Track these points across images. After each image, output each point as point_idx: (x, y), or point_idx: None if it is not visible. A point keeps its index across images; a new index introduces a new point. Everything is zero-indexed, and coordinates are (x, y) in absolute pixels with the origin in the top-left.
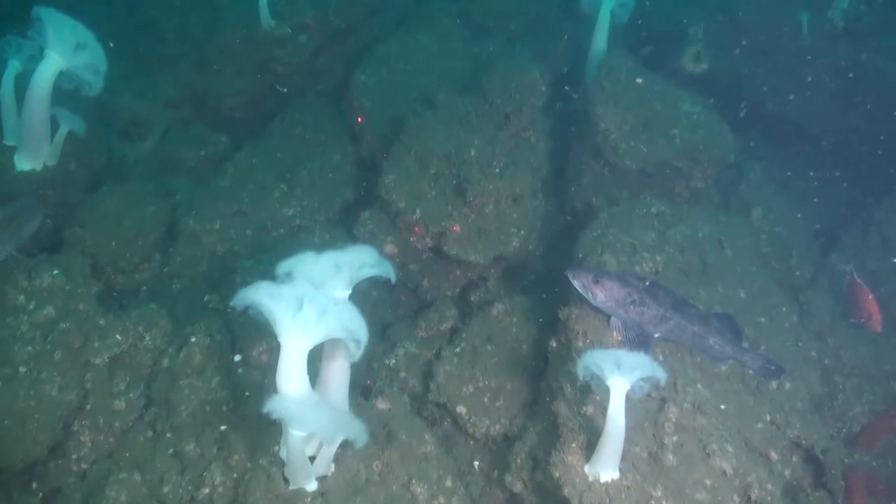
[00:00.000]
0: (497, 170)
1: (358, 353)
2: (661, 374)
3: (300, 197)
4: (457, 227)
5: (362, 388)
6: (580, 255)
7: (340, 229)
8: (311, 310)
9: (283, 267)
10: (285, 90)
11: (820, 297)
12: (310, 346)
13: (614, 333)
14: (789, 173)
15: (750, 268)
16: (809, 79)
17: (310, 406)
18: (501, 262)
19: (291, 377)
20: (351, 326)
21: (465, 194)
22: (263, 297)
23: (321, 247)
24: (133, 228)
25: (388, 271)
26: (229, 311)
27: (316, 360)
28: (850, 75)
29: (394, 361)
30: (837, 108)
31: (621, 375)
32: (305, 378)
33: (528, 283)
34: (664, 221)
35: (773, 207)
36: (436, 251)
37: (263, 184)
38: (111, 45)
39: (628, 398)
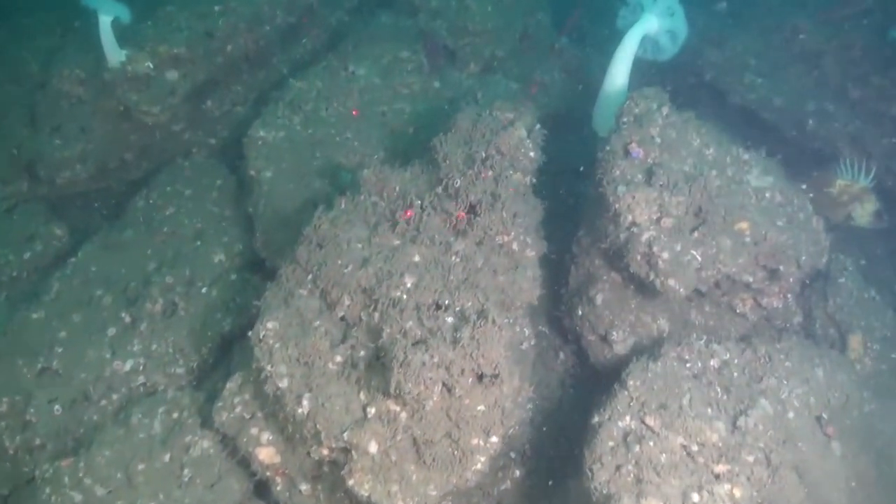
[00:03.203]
0: (449, 318)
1: None
2: None
3: (147, 336)
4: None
5: None
6: (594, 489)
7: (202, 397)
8: None
9: None
10: None
11: None
12: None
13: None
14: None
15: (866, 470)
16: None
17: None
18: None
19: None
20: None
21: (390, 374)
22: None
23: (164, 436)
24: None
25: None
26: None
27: None
28: None
29: None
30: None
31: None
32: None
33: (513, 483)
34: (733, 390)
35: (874, 330)
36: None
37: (96, 313)
38: None
39: None
